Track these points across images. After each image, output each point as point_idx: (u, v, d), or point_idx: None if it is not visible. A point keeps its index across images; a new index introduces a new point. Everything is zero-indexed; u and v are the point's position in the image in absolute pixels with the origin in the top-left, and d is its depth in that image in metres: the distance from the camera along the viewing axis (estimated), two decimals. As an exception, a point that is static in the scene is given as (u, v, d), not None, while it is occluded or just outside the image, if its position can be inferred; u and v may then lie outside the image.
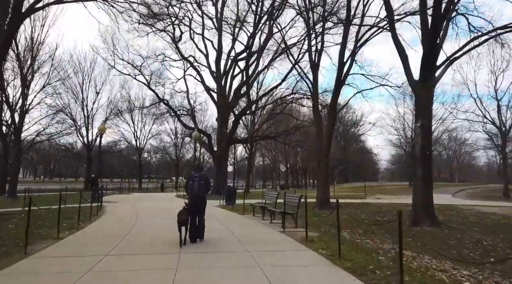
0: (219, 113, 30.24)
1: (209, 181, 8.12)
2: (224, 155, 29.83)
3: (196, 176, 7.75)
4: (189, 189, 7.73)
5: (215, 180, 30.30)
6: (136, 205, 18.39)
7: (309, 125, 31.33)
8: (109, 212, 14.67)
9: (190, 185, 7.74)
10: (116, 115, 36.64)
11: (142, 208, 16.50)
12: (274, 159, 57.39)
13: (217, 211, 15.72)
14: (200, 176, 7.78)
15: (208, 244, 7.56)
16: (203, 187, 7.74)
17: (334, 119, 17.16)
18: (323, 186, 16.91)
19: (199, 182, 7.66)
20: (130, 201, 21.72)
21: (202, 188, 7.72)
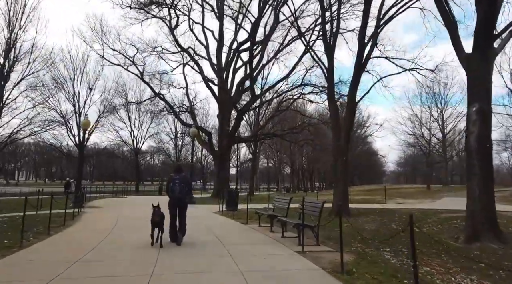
0: (220, 109, 27.74)
1: (190, 182, 8.16)
2: (226, 155, 27.29)
3: (177, 178, 7.68)
4: (170, 191, 7.67)
5: (215, 182, 27.74)
6: (122, 210, 15.86)
7: (318, 123, 28.81)
8: (83, 220, 12.12)
9: (171, 187, 7.65)
10: (110, 112, 34.22)
11: (127, 214, 13.95)
12: (279, 161, 54.63)
13: (215, 219, 13.14)
14: (181, 178, 7.72)
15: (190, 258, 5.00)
16: (184, 189, 7.67)
17: (354, 110, 14.61)
18: (341, 189, 14.29)
19: (179, 184, 7.60)
20: (118, 206, 19.18)
21: (183, 190, 7.64)
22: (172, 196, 7.60)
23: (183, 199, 7.74)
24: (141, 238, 7.83)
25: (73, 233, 8.93)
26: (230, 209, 15.32)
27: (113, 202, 22.48)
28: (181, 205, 7.71)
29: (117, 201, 24.00)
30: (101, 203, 20.51)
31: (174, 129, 48.12)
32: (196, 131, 21.43)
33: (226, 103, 27.17)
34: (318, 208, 7.80)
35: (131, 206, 18.60)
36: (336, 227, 10.31)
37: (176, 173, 7.94)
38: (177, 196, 7.58)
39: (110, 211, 15.24)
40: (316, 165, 58.43)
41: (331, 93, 15.17)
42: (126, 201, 24.41)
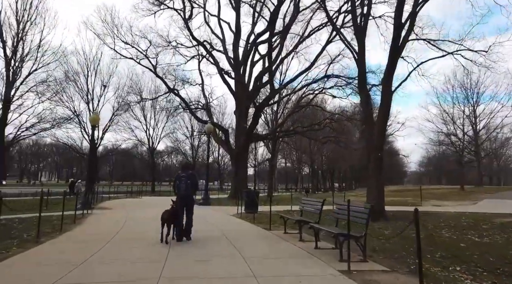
0: (237, 105, 26.27)
1: (196, 180, 8.00)
2: (243, 154, 25.78)
3: (183, 175, 7.69)
4: (176, 188, 7.70)
5: (233, 182, 26.27)
6: (132, 212, 14.56)
7: (342, 118, 26.95)
8: (85, 224, 10.82)
9: (177, 185, 7.67)
10: (125, 110, 33.36)
11: (135, 218, 12.60)
12: (298, 160, 52.69)
13: (232, 223, 11.60)
14: (187, 175, 7.72)
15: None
16: (190, 186, 7.66)
17: (389, 99, 12.80)
18: (375, 189, 12.49)
19: (185, 182, 7.61)
20: (129, 207, 17.97)
21: (189, 187, 7.65)
22: (178, 194, 7.61)
23: (189, 196, 7.76)
24: (144, 254, 6.37)
25: (64, 243, 7.55)
26: (250, 211, 13.79)
27: (125, 203, 21.35)
28: (187, 203, 7.71)
29: (130, 202, 22.88)
30: (112, 204, 19.39)
31: (191, 128, 47.10)
32: (211, 128, 20.01)
33: (244, 98, 25.69)
34: (364, 213, 6.13)
35: (142, 208, 17.34)
36: (378, 235, 8.63)
37: (182, 171, 7.92)
38: (183, 194, 7.59)
39: (118, 214, 13.95)
40: (337, 164, 56.31)
41: (362, 80, 13.39)
42: (139, 202, 23.27)
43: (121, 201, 23.23)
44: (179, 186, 7.62)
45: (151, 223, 10.83)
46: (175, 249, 6.64)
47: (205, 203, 19.02)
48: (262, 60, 29.00)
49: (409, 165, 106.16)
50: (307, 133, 28.63)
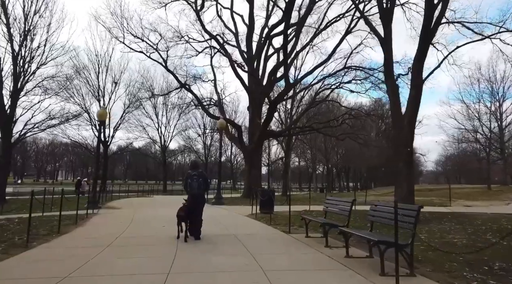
0: (250, 101, 25.28)
1: (207, 178, 7.90)
2: (257, 151, 24.77)
3: (195, 174, 7.63)
4: (188, 187, 7.62)
5: (246, 181, 25.30)
6: (140, 212, 13.73)
7: (362, 114, 25.62)
8: (88, 224, 9.98)
9: (188, 183, 7.62)
10: (136, 107, 32.80)
11: (142, 218, 11.72)
12: (313, 158, 51.28)
13: (247, 225, 10.59)
14: (198, 174, 7.66)
15: None
16: (201, 185, 7.57)
17: (420, 88, 11.56)
18: (405, 189, 11.27)
19: (197, 180, 7.55)
20: (138, 206, 17.19)
21: (201, 186, 7.57)
22: (191, 193, 7.56)
23: (201, 195, 7.76)
24: (146, 265, 5.41)
25: (55, 248, 6.65)
26: (265, 212, 12.77)
27: (135, 202, 20.61)
28: (199, 201, 7.68)
29: (140, 201, 22.15)
30: (121, 204, 18.65)
31: (203, 126, 46.34)
32: (224, 123, 19.07)
33: (258, 93, 24.67)
34: (410, 216, 4.99)
35: (151, 207, 16.53)
36: (418, 241, 7.46)
37: (193, 169, 7.85)
38: (195, 193, 7.55)
39: (125, 214, 13.13)
40: (352, 163, 54.62)
41: (389, 68, 12.17)
42: (149, 201, 22.53)
43: (131, 200, 22.54)
44: (191, 185, 7.57)
45: (158, 223, 9.95)
46: (181, 257, 5.67)
47: (217, 202, 18.09)
48: (276, 54, 27.96)
49: (425, 163, 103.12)
50: (323, 129, 27.37)
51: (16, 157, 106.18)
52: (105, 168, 33.36)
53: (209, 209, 16.09)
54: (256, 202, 13.97)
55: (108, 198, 21.31)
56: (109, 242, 6.89)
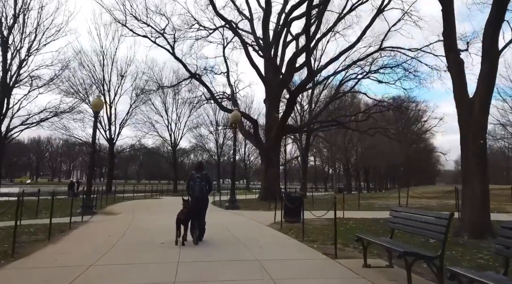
0: (267, 93, 22.81)
1: (211, 181, 7.61)
2: (275, 148, 22.27)
3: (198, 176, 7.30)
4: (191, 190, 7.31)
5: (263, 181, 22.83)
6: (140, 220, 11.43)
7: (393, 106, 22.83)
8: (68, 239, 7.68)
9: (191, 186, 7.29)
10: (143, 102, 30.73)
11: (139, 229, 9.40)
12: (332, 156, 48.24)
13: (271, 239, 8.04)
14: (202, 176, 7.33)
15: None
16: (204, 187, 7.29)
17: (495, 62, 8.93)
18: (477, 191, 8.59)
19: (200, 183, 7.25)
20: (142, 211, 14.94)
21: (204, 188, 7.28)
22: (193, 195, 7.23)
23: (204, 198, 7.35)
24: None
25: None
26: (291, 220, 10.31)
27: (139, 205, 18.41)
28: (201, 205, 7.27)
29: (146, 203, 19.95)
30: (123, 207, 16.47)
31: (215, 123, 44.06)
32: (238, 115, 16.64)
33: (275, 84, 22.18)
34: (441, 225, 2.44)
35: (155, 212, 14.22)
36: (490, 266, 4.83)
37: (197, 171, 7.46)
38: (198, 195, 7.22)
39: (121, 222, 10.82)
40: (372, 161, 51.45)
41: (451, 37, 9.49)
42: (157, 203, 20.28)
43: (136, 202, 20.37)
44: (194, 188, 7.26)
45: (156, 237, 7.60)
46: None
47: (232, 206, 15.71)
48: (294, 41, 25.47)
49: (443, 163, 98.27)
50: (350, 124, 24.67)
51: (32, 156, 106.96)
52: (111, 167, 31.46)
53: (222, 215, 13.80)
54: (277, 206, 11.55)
55: (111, 200, 19.20)
56: (79, 272, 4.54)
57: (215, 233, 8.00)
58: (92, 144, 13.95)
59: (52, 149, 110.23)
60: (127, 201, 20.79)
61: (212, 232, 7.76)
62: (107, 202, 17.51)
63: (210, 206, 17.99)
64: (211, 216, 13.50)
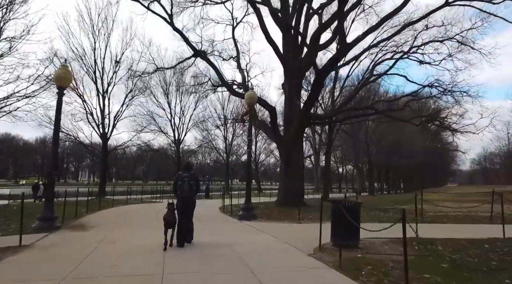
0: (287, 75, 18.90)
1: (198, 181, 7.40)
2: (297, 143, 18.34)
3: (186, 176, 7.12)
4: (178, 190, 7.11)
5: (281, 182, 18.84)
6: (115, 239, 7.64)
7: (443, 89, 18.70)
8: None
9: (179, 185, 7.10)
10: (141, 90, 27.11)
11: (107, 256, 5.60)
12: (356, 153, 43.76)
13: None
14: (190, 176, 7.16)
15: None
16: (192, 187, 7.12)
17: None
18: None
19: (188, 183, 7.07)
20: (124, 224, 11.14)
21: (192, 188, 7.11)
22: (181, 195, 7.05)
23: (191, 198, 7.18)
24: None
25: None
26: (347, 245, 6.37)
27: (126, 213, 14.66)
28: (189, 205, 7.10)
29: (135, 210, 16.15)
30: (105, 217, 12.74)
31: (223, 117, 40.27)
32: (254, 96, 12.58)
33: (297, 64, 18.26)
34: None
35: (142, 226, 10.36)
36: None
37: (184, 171, 7.30)
38: (185, 196, 7.04)
39: (83, 246, 6.98)
40: (394, 160, 47.01)
41: None
42: (150, 210, 16.37)
43: (125, 209, 16.61)
44: (181, 187, 7.01)
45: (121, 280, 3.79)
46: None
47: (247, 216, 11.82)
48: (317, 16, 21.52)
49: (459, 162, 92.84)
50: (388, 112, 20.53)
51: (36, 156, 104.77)
52: (104, 166, 27.76)
53: (235, 231, 9.20)
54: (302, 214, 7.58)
55: (96, 206, 15.49)
56: None
57: (223, 275, 4.29)
58: (54, 135, 10.21)
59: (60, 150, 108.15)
60: (117, 207, 17.08)
61: (219, 268, 4.77)
62: (88, 210, 13.78)
63: (217, 214, 13.34)
64: (220, 230, 9.61)
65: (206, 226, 9.84)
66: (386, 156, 43.83)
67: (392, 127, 39.03)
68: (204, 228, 9.26)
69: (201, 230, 8.27)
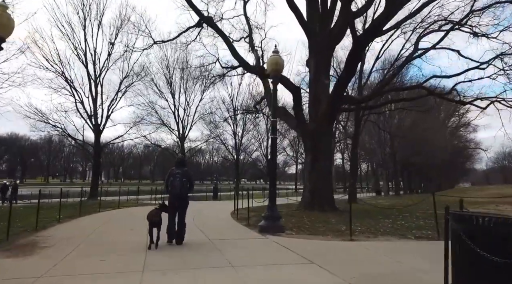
0: (312, 50, 15.36)
1: (192, 178, 7.05)
2: (326, 131, 14.78)
3: (178, 172, 6.80)
4: (169, 186, 6.81)
5: (308, 180, 15.20)
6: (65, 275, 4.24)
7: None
8: None
9: (170, 182, 6.80)
10: (140, 76, 23.87)
11: None
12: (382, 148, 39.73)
13: None
14: (182, 172, 6.83)
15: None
16: (184, 184, 6.77)
17: None
18: None
19: (180, 179, 6.75)
20: (101, 237, 7.74)
21: (184, 185, 6.77)
22: (172, 192, 6.75)
23: (183, 196, 6.80)
24: None
25: None
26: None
27: (116, 220, 11.35)
28: (181, 202, 6.79)
29: (129, 216, 12.83)
30: (78, 228, 9.44)
31: (233, 109, 36.83)
32: (279, 61, 8.95)
33: (324, 36, 14.73)
34: None
35: (124, 250, 6.93)
36: None
37: (177, 167, 6.92)
38: (177, 193, 6.72)
39: None
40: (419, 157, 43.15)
41: None
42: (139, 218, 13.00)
43: (114, 214, 13.31)
44: (173, 184, 6.72)
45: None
46: None
47: (271, 226, 8.33)
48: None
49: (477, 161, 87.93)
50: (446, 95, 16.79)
51: (40, 156, 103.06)
52: (97, 162, 24.46)
53: (261, 257, 5.19)
54: (337, 219, 4.75)
55: (75, 211, 12.23)
56: None
57: None
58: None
59: (64, 149, 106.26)
60: (105, 212, 13.83)
61: None
62: (61, 217, 10.50)
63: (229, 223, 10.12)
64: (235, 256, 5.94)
65: (214, 245, 6.58)
66: (410, 152, 39.99)
67: (418, 122, 35.44)
68: (211, 248, 6.12)
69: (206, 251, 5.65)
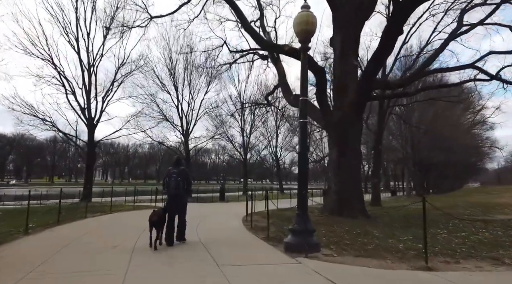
0: (338, 27, 12.94)
1: (189, 177, 6.97)
2: (354, 122, 12.36)
3: (174, 172, 6.87)
4: (166, 186, 6.90)
5: (334, 179, 12.67)
6: None
7: None
8: None
9: (167, 181, 6.88)
10: (138, 65, 21.74)
11: None
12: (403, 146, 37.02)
13: None
14: (178, 172, 6.88)
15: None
16: (180, 184, 6.78)
17: None
18: None
19: (176, 179, 6.79)
20: (68, 261, 5.40)
21: (180, 185, 6.77)
22: (168, 192, 6.84)
23: (180, 195, 6.82)
24: None
25: None
26: None
27: (102, 229, 9.10)
28: (178, 202, 6.80)
29: (118, 224, 10.57)
30: (55, 240, 7.16)
31: (240, 103, 34.42)
32: (311, 19, 6.54)
33: (352, 9, 12.33)
34: None
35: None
36: None
37: (174, 167, 6.98)
38: (173, 193, 6.76)
39: None
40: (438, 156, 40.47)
41: None
42: (139, 223, 10.68)
43: (104, 220, 11.08)
44: (169, 184, 6.77)
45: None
46: None
47: (302, 244, 5.98)
48: None
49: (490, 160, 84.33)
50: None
51: (45, 156, 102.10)
52: (90, 160, 22.21)
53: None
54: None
55: (56, 216, 10.02)
56: None
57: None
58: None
59: (69, 149, 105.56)
60: (93, 217, 11.63)
61: None
62: (33, 225, 8.28)
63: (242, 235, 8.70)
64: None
65: (225, 277, 4.23)
66: (430, 149, 37.38)
67: (439, 115, 32.98)
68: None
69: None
